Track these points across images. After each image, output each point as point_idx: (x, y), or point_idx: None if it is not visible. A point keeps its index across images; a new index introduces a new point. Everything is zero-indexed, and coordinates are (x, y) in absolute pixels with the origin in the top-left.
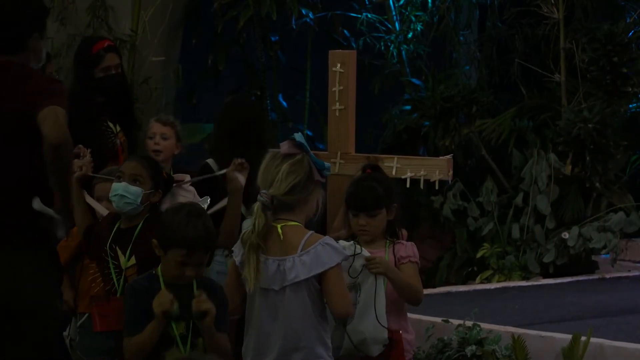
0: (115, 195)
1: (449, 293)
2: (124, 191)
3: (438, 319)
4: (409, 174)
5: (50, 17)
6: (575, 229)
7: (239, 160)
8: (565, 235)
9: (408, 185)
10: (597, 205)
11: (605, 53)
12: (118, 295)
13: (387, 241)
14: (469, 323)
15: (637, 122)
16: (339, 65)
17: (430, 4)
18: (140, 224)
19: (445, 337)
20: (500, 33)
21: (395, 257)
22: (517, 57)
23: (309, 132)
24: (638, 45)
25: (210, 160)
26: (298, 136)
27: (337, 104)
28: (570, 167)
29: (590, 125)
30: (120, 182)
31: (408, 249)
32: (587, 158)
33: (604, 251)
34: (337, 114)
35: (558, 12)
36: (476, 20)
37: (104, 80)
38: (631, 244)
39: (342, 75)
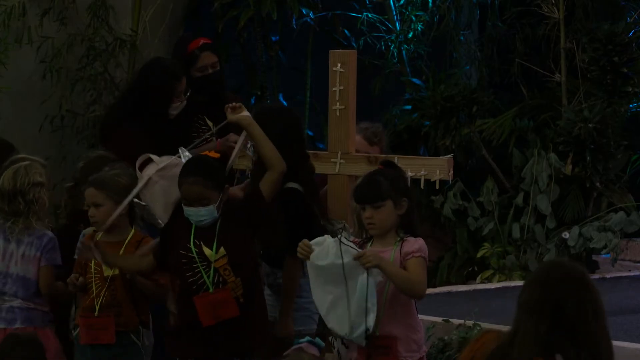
0: (191, 218)
1: (449, 293)
2: (198, 216)
3: (438, 319)
4: (409, 174)
5: (50, 17)
6: (575, 229)
7: (232, 105)
8: (566, 235)
9: (408, 185)
10: (597, 205)
11: (605, 53)
12: (211, 290)
13: (398, 238)
14: (469, 323)
15: (638, 122)
16: (339, 65)
17: (430, 4)
18: (219, 218)
19: (446, 337)
20: (500, 33)
21: (401, 254)
22: (518, 57)
23: (309, 132)
24: (638, 45)
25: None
26: None
27: (338, 103)
28: (570, 166)
29: (590, 125)
30: (190, 207)
31: (413, 244)
32: (588, 158)
33: (604, 251)
34: (338, 114)
35: (558, 12)
36: (476, 20)
37: (201, 80)
38: (631, 244)
39: (343, 75)
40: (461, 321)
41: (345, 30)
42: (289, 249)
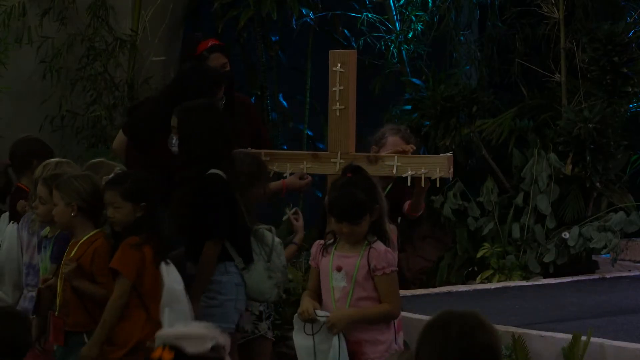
0: None
1: (449, 293)
2: None
3: None
4: (409, 172)
5: (50, 17)
6: (575, 229)
7: None
8: (566, 235)
9: (409, 184)
10: (597, 205)
11: (605, 53)
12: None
13: (366, 242)
14: None
15: (638, 122)
16: (339, 65)
17: (430, 4)
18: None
19: None
20: (500, 33)
21: (369, 264)
22: (518, 57)
23: (309, 132)
24: (638, 45)
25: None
26: None
27: (338, 103)
28: (570, 166)
29: (590, 125)
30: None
31: (382, 257)
32: (588, 158)
33: (604, 251)
34: (338, 114)
35: (558, 12)
36: (476, 20)
37: None
38: (631, 244)
39: (343, 75)
40: None
41: (345, 30)
42: (210, 233)
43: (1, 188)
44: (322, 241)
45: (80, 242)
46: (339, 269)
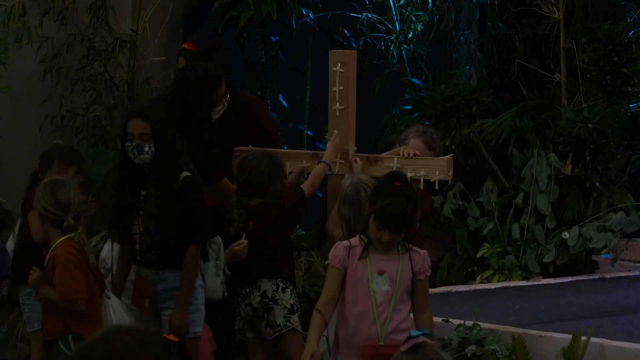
0: None
1: (449, 293)
2: None
3: (438, 319)
4: (409, 174)
5: (50, 17)
6: (575, 229)
7: None
8: (566, 235)
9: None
10: (597, 205)
11: (605, 53)
12: None
13: (400, 247)
14: (469, 323)
15: (638, 122)
16: (339, 65)
17: (430, 4)
18: None
19: (446, 337)
20: (500, 33)
21: (412, 266)
22: (517, 57)
23: (309, 132)
24: (638, 45)
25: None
26: None
27: (338, 103)
28: (570, 167)
29: (590, 125)
30: None
31: (425, 261)
32: (588, 158)
33: (604, 251)
34: (338, 114)
35: (558, 12)
36: (476, 20)
37: None
38: (631, 244)
39: (343, 75)
40: (461, 321)
41: (345, 30)
42: (193, 236)
43: (27, 189)
44: (345, 243)
45: (51, 249)
46: (380, 273)
